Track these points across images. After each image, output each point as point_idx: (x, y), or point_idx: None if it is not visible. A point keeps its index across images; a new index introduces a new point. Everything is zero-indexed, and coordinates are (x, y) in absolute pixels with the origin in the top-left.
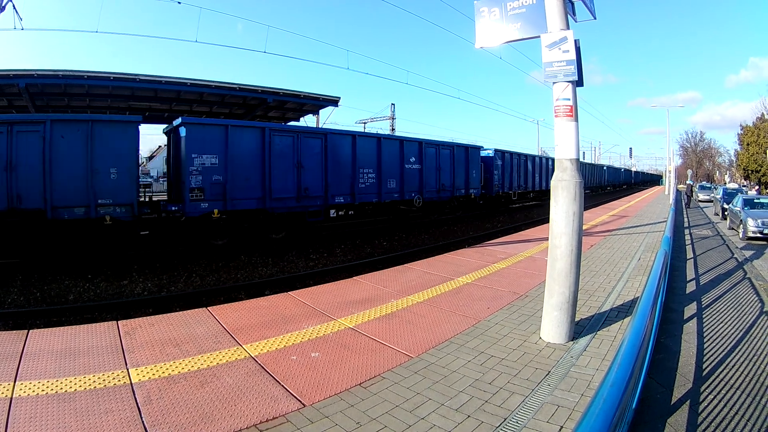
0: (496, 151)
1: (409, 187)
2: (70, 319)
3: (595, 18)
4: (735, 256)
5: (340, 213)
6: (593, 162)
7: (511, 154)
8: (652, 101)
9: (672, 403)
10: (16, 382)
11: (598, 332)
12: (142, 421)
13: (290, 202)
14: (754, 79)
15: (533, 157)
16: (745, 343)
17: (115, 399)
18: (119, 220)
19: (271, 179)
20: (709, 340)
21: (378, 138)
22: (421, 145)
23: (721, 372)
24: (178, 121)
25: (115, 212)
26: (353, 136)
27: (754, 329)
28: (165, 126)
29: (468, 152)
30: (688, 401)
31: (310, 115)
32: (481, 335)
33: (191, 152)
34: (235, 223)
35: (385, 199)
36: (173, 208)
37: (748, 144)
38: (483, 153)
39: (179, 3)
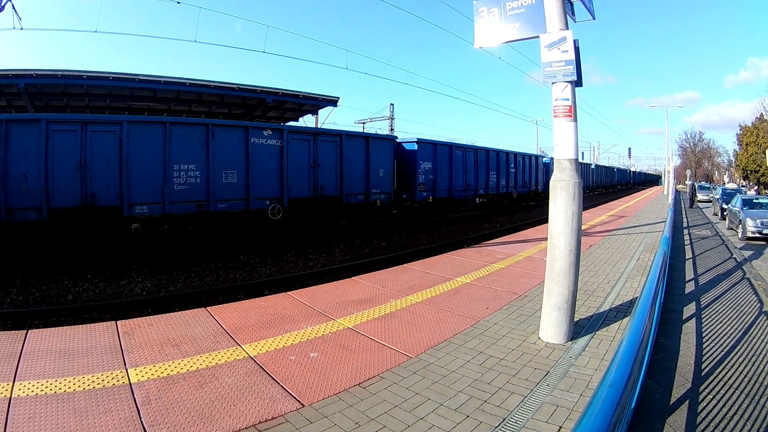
0: (551, 158)
1: (510, 183)
2: (68, 319)
3: (594, 18)
4: (734, 256)
5: (480, 200)
6: (602, 164)
7: (619, 169)
8: (651, 101)
9: (671, 403)
10: (15, 382)
11: (597, 332)
12: (141, 421)
13: (461, 193)
14: (753, 80)
15: (624, 170)
16: (744, 344)
17: (114, 399)
18: (383, 203)
19: (453, 178)
20: (708, 340)
21: (497, 152)
22: (516, 156)
23: (720, 372)
24: (413, 139)
25: (381, 198)
26: (487, 151)
27: (753, 329)
28: None
29: (537, 160)
30: (687, 401)
31: (309, 115)
32: (480, 335)
33: (419, 160)
34: (436, 205)
35: (501, 191)
36: (404, 196)
37: (747, 144)
38: (544, 160)
39: (178, 3)
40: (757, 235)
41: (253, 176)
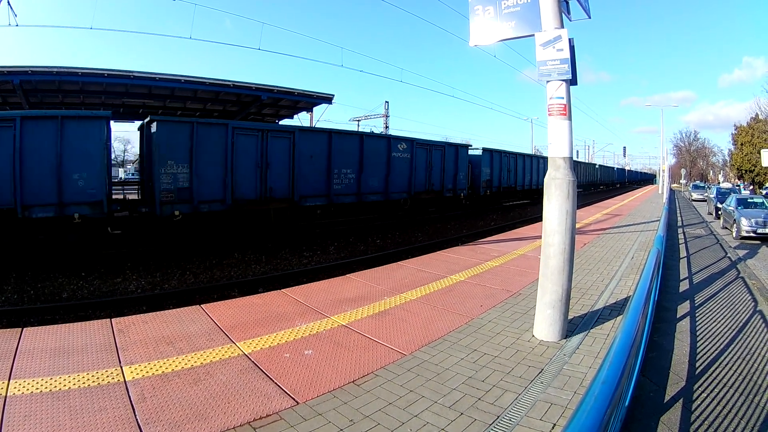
0: (484, 150)
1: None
2: (63, 317)
3: (589, 17)
4: (728, 255)
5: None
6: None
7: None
8: (646, 100)
9: (665, 401)
10: (11, 381)
11: (591, 330)
12: (136, 419)
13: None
14: (748, 79)
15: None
16: (738, 342)
17: (109, 397)
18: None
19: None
20: (702, 338)
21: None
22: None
23: (714, 370)
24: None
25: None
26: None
27: (747, 328)
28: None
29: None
30: (681, 399)
31: (305, 113)
32: (474, 333)
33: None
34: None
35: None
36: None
37: (742, 144)
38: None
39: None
40: (752, 234)
41: None
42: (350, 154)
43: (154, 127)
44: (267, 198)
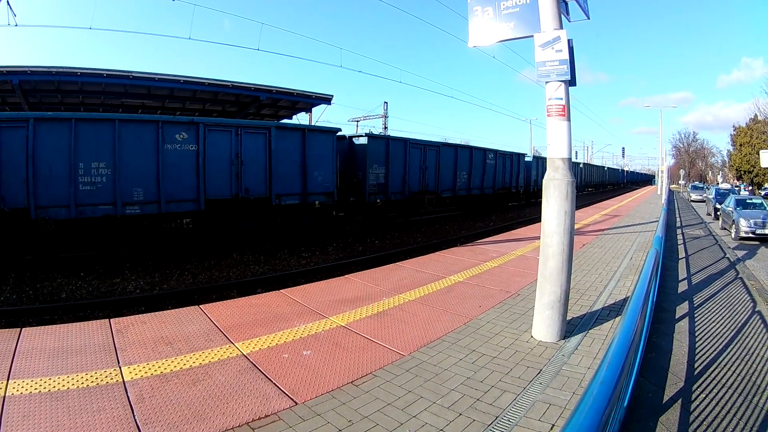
0: (534, 157)
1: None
2: (62, 317)
3: (588, 18)
4: (727, 255)
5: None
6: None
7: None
8: (644, 101)
9: (664, 401)
10: (9, 381)
11: (589, 331)
12: (135, 420)
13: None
14: (746, 79)
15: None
16: (737, 343)
17: (107, 397)
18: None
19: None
20: (701, 339)
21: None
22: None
23: (713, 371)
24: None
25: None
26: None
27: (745, 329)
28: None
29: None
30: (680, 400)
31: (303, 113)
32: (472, 333)
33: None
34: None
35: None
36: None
37: (740, 145)
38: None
39: (173, 0)
40: (751, 235)
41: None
42: (465, 161)
43: (364, 140)
44: (424, 191)
